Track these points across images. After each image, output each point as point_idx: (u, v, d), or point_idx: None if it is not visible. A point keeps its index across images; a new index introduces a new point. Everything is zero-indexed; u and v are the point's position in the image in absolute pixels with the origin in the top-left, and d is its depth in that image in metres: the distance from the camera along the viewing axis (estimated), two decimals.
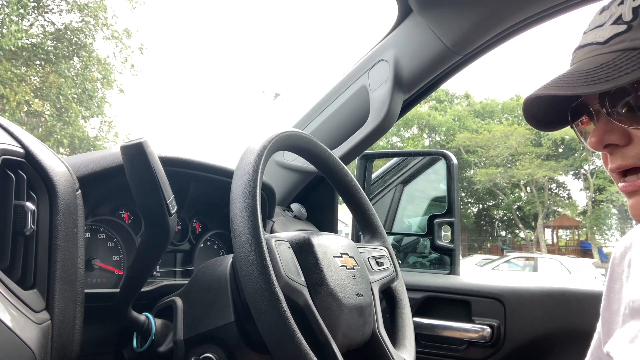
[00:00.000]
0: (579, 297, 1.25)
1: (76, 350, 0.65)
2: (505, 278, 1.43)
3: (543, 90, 0.59)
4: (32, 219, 0.59)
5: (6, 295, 0.54)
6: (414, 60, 1.27)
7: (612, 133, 0.59)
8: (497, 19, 1.15)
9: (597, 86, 0.54)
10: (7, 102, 12.83)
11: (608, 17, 0.59)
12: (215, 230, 1.15)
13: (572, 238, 29.94)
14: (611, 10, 0.59)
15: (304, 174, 1.46)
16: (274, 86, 38.35)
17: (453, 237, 1.54)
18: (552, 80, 0.60)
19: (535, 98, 0.63)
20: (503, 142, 26.26)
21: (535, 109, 0.66)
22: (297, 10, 79.74)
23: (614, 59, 0.55)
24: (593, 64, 0.57)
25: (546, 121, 0.67)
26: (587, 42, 0.61)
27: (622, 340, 0.68)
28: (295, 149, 0.87)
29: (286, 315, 0.63)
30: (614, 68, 0.54)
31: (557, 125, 0.68)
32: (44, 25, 14.76)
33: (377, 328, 0.85)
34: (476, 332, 1.30)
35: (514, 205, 28.88)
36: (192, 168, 0.99)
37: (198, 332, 0.77)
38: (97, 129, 16.10)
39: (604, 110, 0.58)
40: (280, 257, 0.71)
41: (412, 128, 31.44)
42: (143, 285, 0.80)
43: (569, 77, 0.58)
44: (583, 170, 27.83)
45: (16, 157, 0.60)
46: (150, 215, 0.70)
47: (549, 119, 0.67)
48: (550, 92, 0.58)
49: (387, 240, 1.01)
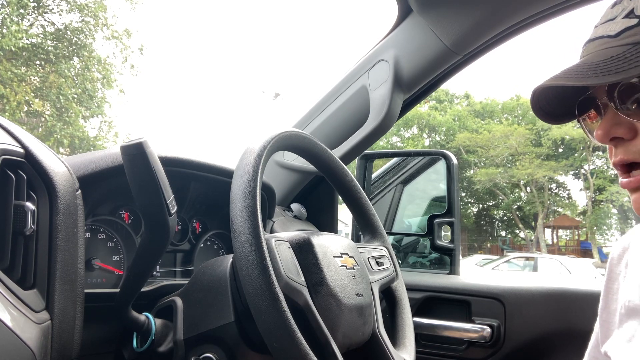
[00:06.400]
0: (579, 297, 1.25)
1: (76, 350, 0.65)
2: (505, 278, 1.43)
3: (552, 81, 0.59)
4: (32, 219, 0.59)
5: (6, 295, 0.54)
6: (414, 60, 1.27)
7: (619, 126, 0.59)
8: (497, 19, 1.15)
9: (606, 78, 0.54)
10: (7, 102, 12.83)
11: (620, 10, 0.59)
12: (215, 230, 1.15)
13: (572, 238, 29.93)
14: (623, 4, 0.59)
15: (304, 174, 1.46)
16: (274, 86, 38.33)
17: (453, 237, 1.54)
18: (561, 72, 0.60)
19: (543, 90, 0.63)
20: (503, 142, 26.25)
21: (543, 101, 0.66)
22: (297, 10, 79.75)
23: (624, 52, 0.56)
24: (603, 57, 0.57)
25: (554, 114, 0.67)
26: (598, 35, 0.61)
27: (620, 340, 0.68)
28: (295, 149, 0.87)
29: (286, 315, 0.63)
30: (623, 60, 0.55)
31: (564, 118, 0.68)
32: (44, 25, 14.76)
33: (377, 328, 0.85)
34: (476, 332, 1.30)
35: (514, 205, 28.87)
36: (192, 168, 0.99)
37: (198, 332, 0.77)
38: (97, 129, 16.10)
39: (612, 103, 0.59)
40: (280, 257, 0.71)
41: (412, 128, 31.43)
42: (143, 285, 0.80)
43: (578, 69, 0.58)
44: (583, 170, 27.82)
45: (16, 157, 0.60)
46: (150, 215, 0.70)
47: (557, 112, 0.67)
48: (559, 82, 0.58)
49: (387, 240, 1.01)
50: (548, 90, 0.64)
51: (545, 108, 0.67)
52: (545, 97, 0.65)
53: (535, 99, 0.65)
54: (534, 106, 0.66)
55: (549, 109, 0.67)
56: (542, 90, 0.63)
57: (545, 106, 0.66)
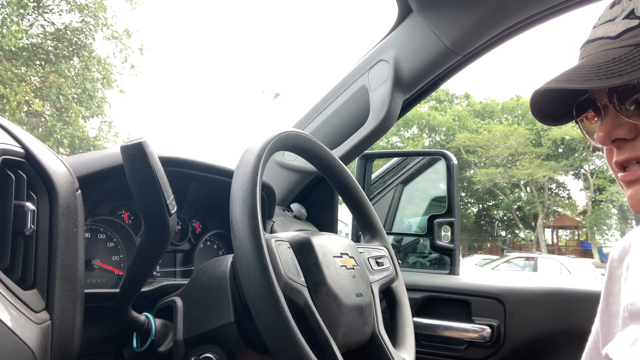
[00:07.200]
0: (579, 297, 1.25)
1: (76, 350, 0.65)
2: (505, 278, 1.43)
3: (553, 83, 0.58)
4: (32, 219, 0.59)
5: (6, 295, 0.54)
6: (414, 60, 1.27)
7: (620, 128, 0.58)
8: (497, 19, 1.15)
9: (609, 80, 0.53)
10: (7, 102, 12.83)
11: (619, 11, 0.58)
12: (215, 230, 1.15)
13: (572, 238, 29.93)
14: (622, 5, 0.58)
15: (304, 174, 1.46)
16: (274, 86, 38.37)
17: (453, 237, 1.54)
18: (562, 74, 0.59)
19: (543, 92, 0.63)
20: (503, 142, 26.25)
21: (542, 102, 0.65)
22: (297, 10, 79.75)
23: (627, 54, 0.55)
24: (604, 58, 0.56)
25: (552, 115, 0.67)
26: (597, 36, 0.60)
27: (623, 343, 0.67)
28: (295, 149, 0.87)
29: (286, 315, 0.63)
30: (626, 62, 0.54)
31: (562, 120, 0.68)
32: (44, 25, 14.77)
33: (377, 328, 0.85)
34: (476, 332, 1.30)
35: (514, 205, 28.87)
36: (192, 168, 0.99)
37: (198, 332, 0.77)
38: (97, 129, 16.11)
39: (613, 105, 0.58)
40: (280, 257, 0.71)
41: (412, 128, 31.43)
42: (143, 286, 0.80)
43: (580, 71, 0.57)
44: (583, 170, 27.82)
45: (16, 157, 0.60)
46: (150, 215, 0.70)
47: (555, 113, 0.67)
48: (561, 85, 0.57)
49: (387, 240, 1.01)
50: (547, 92, 0.63)
51: (544, 110, 0.66)
52: (544, 99, 0.65)
53: (535, 101, 0.64)
54: (533, 108, 0.66)
55: (547, 111, 0.67)
56: (542, 93, 0.63)
57: (544, 108, 0.66)
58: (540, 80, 0.61)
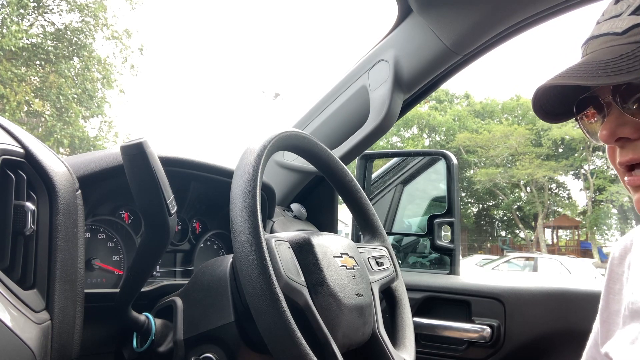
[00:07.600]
0: (579, 297, 1.25)
1: (76, 350, 0.65)
2: (505, 278, 1.43)
3: (558, 79, 0.57)
4: (32, 219, 0.59)
5: (6, 295, 0.54)
6: (414, 60, 1.27)
7: (624, 126, 0.57)
8: (497, 19, 1.15)
9: (618, 77, 0.53)
10: (7, 102, 12.83)
11: (625, 7, 0.57)
12: (215, 230, 1.15)
13: (572, 238, 29.92)
14: (628, 1, 0.57)
15: (304, 174, 1.46)
16: (274, 86, 38.34)
17: (453, 237, 1.54)
18: (566, 70, 0.58)
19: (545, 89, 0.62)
20: (503, 142, 26.25)
21: (544, 99, 0.65)
22: (297, 10, 79.75)
23: (634, 50, 0.54)
24: (611, 55, 0.55)
25: (554, 112, 0.66)
26: (602, 32, 0.59)
27: (623, 342, 0.67)
28: (295, 149, 0.87)
29: (286, 315, 0.63)
30: (634, 59, 0.53)
31: (564, 117, 0.67)
32: (44, 25, 14.77)
33: (377, 328, 0.85)
34: (476, 332, 1.30)
35: (514, 205, 28.87)
36: (192, 168, 0.99)
37: (198, 332, 0.77)
38: (97, 129, 16.12)
39: (617, 103, 0.57)
40: (280, 257, 0.71)
41: (412, 128, 31.43)
42: (143, 285, 0.80)
43: (586, 67, 0.56)
44: (583, 170, 27.82)
45: (16, 157, 0.60)
46: (150, 215, 0.70)
47: (557, 110, 0.66)
48: (566, 81, 0.56)
49: (387, 240, 1.01)
50: (550, 89, 0.62)
51: (546, 107, 0.66)
52: (546, 96, 0.64)
53: (537, 98, 0.64)
54: (535, 105, 0.65)
55: (549, 108, 0.66)
56: (545, 89, 0.62)
57: (546, 105, 0.65)
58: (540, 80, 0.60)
